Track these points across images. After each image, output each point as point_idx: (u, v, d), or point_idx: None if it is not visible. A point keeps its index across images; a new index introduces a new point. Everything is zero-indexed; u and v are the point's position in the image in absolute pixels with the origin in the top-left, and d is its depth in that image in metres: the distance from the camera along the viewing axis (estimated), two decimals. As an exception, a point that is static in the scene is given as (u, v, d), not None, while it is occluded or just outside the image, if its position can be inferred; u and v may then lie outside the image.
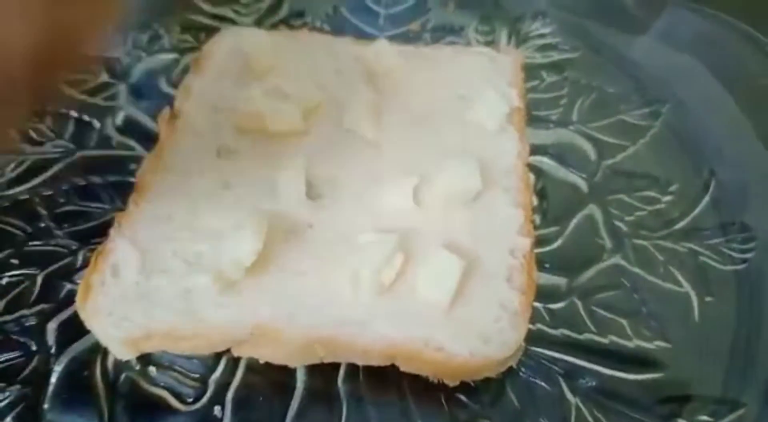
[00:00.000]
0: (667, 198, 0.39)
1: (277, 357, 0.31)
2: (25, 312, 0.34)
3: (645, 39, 0.46)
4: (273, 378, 0.32)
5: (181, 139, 0.37)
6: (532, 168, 0.40)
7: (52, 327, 0.33)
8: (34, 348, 0.33)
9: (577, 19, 0.48)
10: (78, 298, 0.31)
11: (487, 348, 0.30)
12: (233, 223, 0.32)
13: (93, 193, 0.39)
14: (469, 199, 0.34)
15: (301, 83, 0.38)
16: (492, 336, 0.30)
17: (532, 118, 0.43)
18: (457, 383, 0.31)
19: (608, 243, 0.37)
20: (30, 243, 0.36)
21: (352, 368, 0.32)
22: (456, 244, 0.33)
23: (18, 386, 0.31)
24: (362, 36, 0.47)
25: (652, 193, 0.39)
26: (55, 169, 0.40)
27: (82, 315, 0.31)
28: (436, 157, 0.36)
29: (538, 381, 0.32)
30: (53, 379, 0.32)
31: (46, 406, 0.31)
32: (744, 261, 0.36)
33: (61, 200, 0.38)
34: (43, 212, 0.37)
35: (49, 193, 0.38)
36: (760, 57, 0.41)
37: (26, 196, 0.38)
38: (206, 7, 0.50)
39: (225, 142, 0.36)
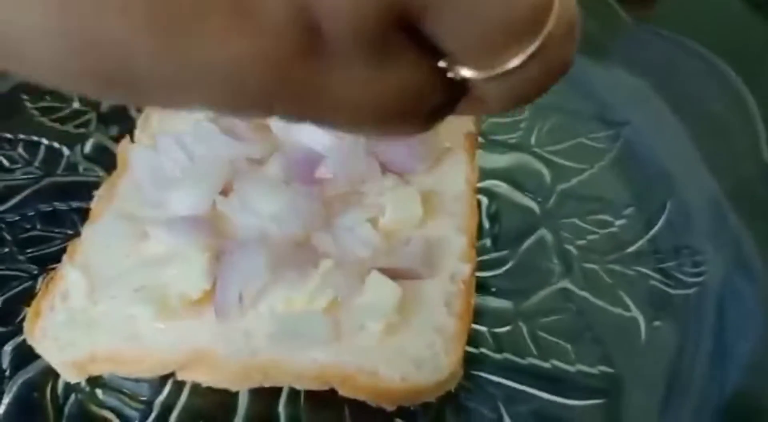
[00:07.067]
0: (621, 221, 0.39)
1: (217, 381, 0.32)
2: (-18, 335, 0.35)
3: (606, 62, 0.46)
4: (216, 402, 0.32)
5: (137, 168, 0.38)
6: (486, 192, 0.41)
7: (7, 350, 0.35)
8: (-12, 370, 0.34)
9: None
10: (27, 323, 0.32)
11: (420, 373, 0.30)
12: (181, 254, 0.33)
13: (57, 219, 0.40)
14: (411, 226, 0.35)
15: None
16: (425, 361, 0.31)
17: (490, 143, 0.43)
18: (395, 408, 0.32)
19: (557, 267, 0.37)
20: (-8, 268, 0.38)
21: (294, 392, 0.33)
22: (396, 270, 0.33)
23: (-32, 409, 0.32)
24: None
25: (605, 217, 0.40)
26: (23, 194, 0.41)
27: (30, 340, 0.32)
28: (383, 184, 0.36)
29: (477, 405, 0.33)
30: (5, 402, 0.33)
31: (-5, 428, 0.32)
32: (693, 285, 0.36)
33: (27, 225, 0.39)
34: (8, 237, 0.39)
35: (16, 218, 0.40)
36: (713, 83, 0.42)
37: (-7, 222, 0.40)
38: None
39: (177, 174, 0.37)
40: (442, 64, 0.19)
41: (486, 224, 0.39)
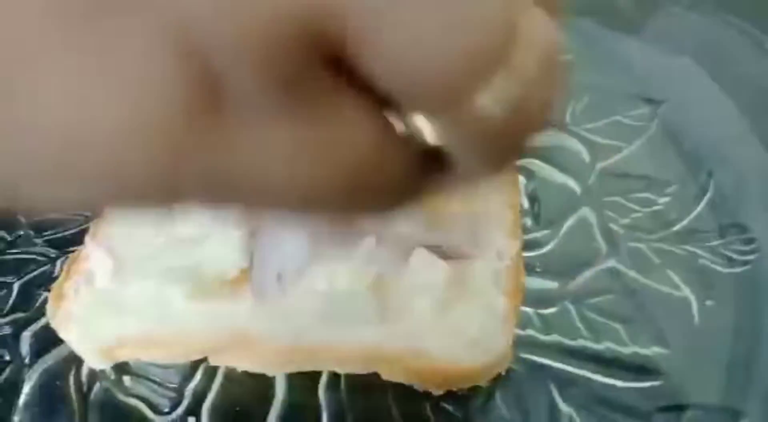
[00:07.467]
0: (664, 199, 0.38)
1: (255, 366, 0.30)
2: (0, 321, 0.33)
3: (640, 38, 0.45)
4: (251, 388, 0.31)
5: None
6: (523, 170, 0.39)
7: (26, 336, 0.33)
8: (7, 358, 0.32)
9: (572, 18, 0.47)
10: (49, 306, 0.30)
11: (472, 355, 0.29)
12: (214, 231, 0.31)
13: (74, 201, 0.38)
14: (453, 200, 0.33)
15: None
16: (477, 342, 0.29)
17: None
18: (443, 392, 0.30)
19: (603, 246, 0.36)
20: (8, 251, 0.36)
21: (334, 377, 0.31)
22: (441, 247, 0.31)
23: (-13, 397, 0.30)
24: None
25: (648, 195, 0.38)
26: (37, 177, 0.39)
27: (53, 324, 0.30)
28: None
29: (528, 389, 0.31)
30: (25, 390, 0.31)
31: (16, 419, 0.30)
32: (745, 263, 0.35)
33: (42, 208, 0.38)
34: (24, 220, 0.37)
35: (30, 201, 0.38)
36: (759, 55, 0.40)
37: (7, 205, 0.38)
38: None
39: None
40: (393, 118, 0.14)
41: (525, 203, 0.38)
